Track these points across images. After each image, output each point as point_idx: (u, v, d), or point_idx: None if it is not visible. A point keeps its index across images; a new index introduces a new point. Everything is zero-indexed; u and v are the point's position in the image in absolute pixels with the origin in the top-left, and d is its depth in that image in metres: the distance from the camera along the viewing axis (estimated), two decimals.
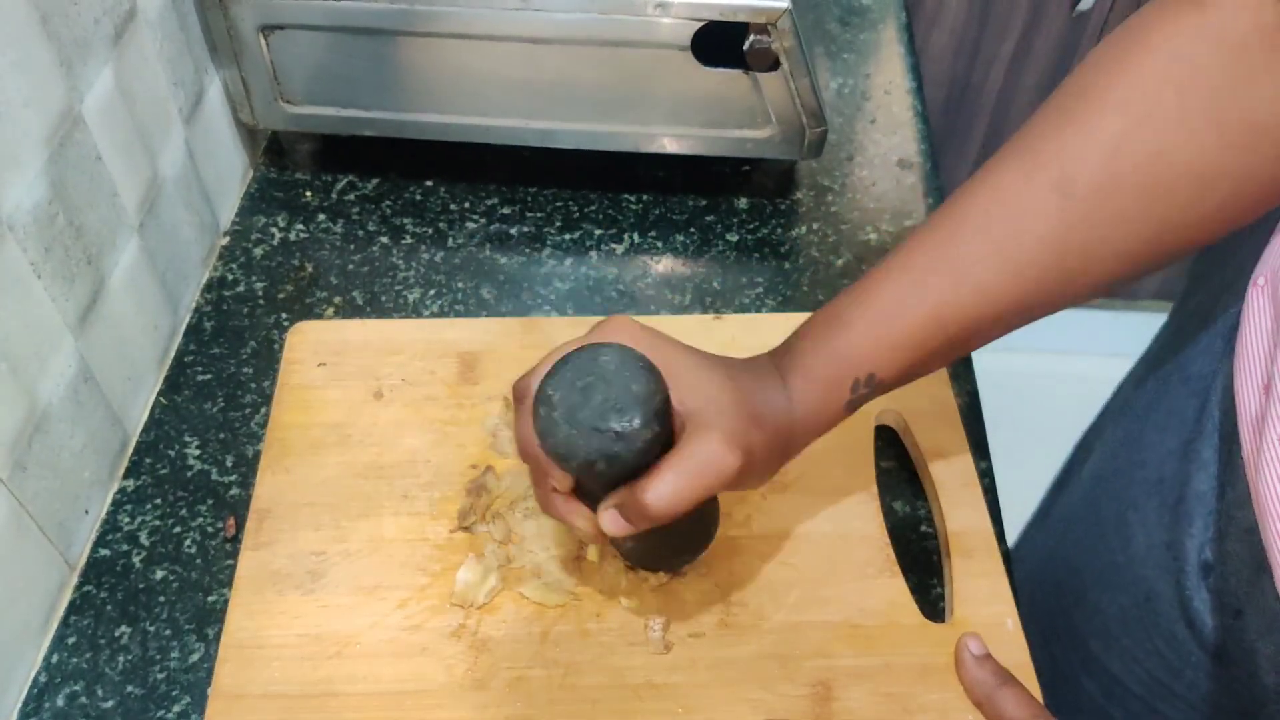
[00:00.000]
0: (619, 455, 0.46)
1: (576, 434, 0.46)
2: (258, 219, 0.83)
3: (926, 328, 0.50)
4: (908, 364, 0.52)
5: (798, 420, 0.52)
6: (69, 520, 0.61)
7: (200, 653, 0.59)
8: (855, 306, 0.52)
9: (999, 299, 0.50)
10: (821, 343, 0.52)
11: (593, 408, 0.46)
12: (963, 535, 0.62)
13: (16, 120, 0.54)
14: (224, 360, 0.73)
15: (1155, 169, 0.47)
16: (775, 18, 0.72)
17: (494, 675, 0.56)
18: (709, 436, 0.48)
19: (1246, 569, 0.55)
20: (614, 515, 0.49)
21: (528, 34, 0.74)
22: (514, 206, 0.84)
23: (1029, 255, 0.49)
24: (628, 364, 0.47)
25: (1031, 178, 0.49)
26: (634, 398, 0.46)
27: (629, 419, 0.46)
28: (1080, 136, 0.48)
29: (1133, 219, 0.48)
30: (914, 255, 0.51)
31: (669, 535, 0.53)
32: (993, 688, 0.54)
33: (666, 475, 0.47)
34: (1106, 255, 0.49)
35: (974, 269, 0.50)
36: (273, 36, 0.75)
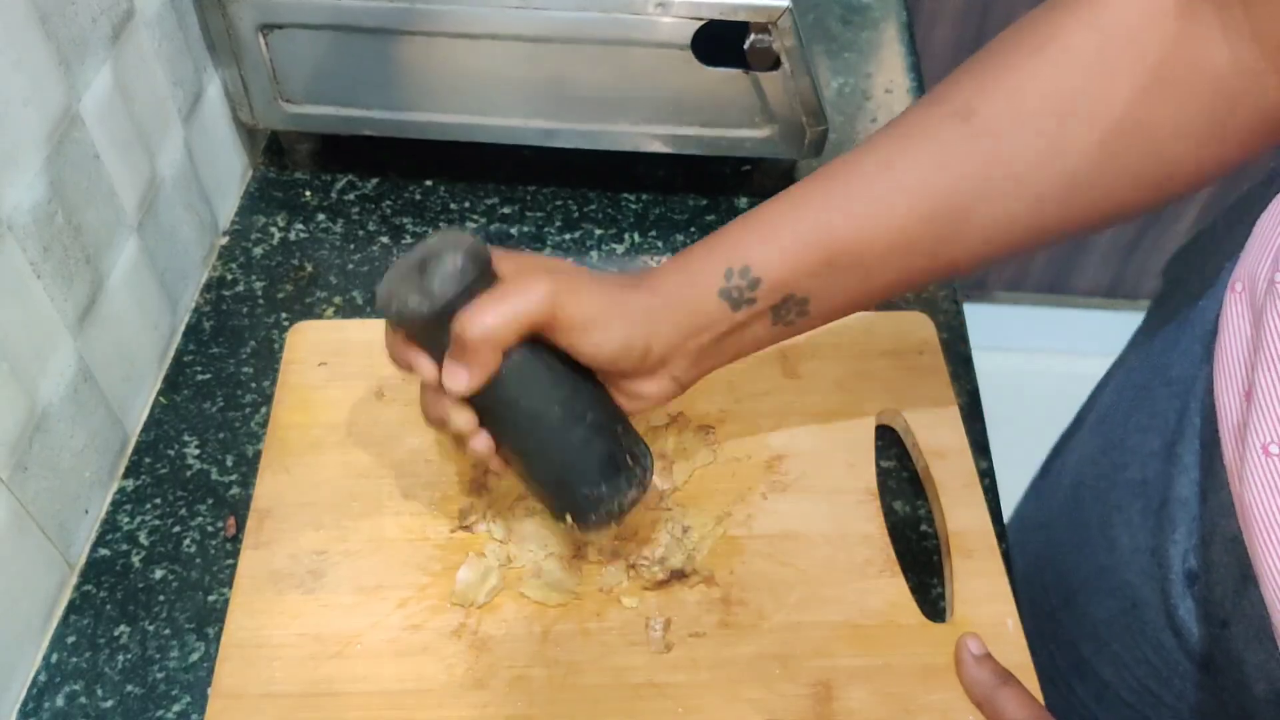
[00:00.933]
0: (428, 287, 0.49)
1: (396, 282, 0.50)
2: (257, 218, 0.82)
3: (808, 234, 0.51)
4: (789, 267, 0.51)
5: (664, 295, 0.52)
6: (69, 520, 0.61)
7: (200, 652, 0.59)
8: (744, 215, 0.53)
9: (886, 220, 0.50)
10: (702, 241, 0.54)
11: (411, 260, 0.51)
12: (963, 535, 0.62)
13: (15, 119, 0.54)
14: (223, 360, 0.73)
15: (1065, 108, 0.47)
16: (776, 16, 0.72)
17: (494, 674, 0.56)
18: (521, 272, 0.50)
19: (1232, 579, 0.55)
20: (450, 366, 0.50)
21: (528, 33, 0.74)
22: (514, 206, 0.84)
23: (920, 177, 0.49)
24: (450, 240, 0.51)
25: (934, 108, 0.50)
26: (453, 245, 0.50)
27: (450, 259, 0.49)
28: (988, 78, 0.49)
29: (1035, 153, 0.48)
30: (813, 177, 0.52)
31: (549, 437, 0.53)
32: (993, 688, 0.54)
33: (477, 300, 0.49)
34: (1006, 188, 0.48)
35: (861, 186, 0.50)
36: (272, 35, 0.75)
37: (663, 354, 0.53)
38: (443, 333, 0.50)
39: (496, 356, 0.49)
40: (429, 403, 0.53)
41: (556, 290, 0.49)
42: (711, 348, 0.54)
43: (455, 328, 0.49)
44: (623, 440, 0.55)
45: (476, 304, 0.49)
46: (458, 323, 0.48)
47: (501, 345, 0.49)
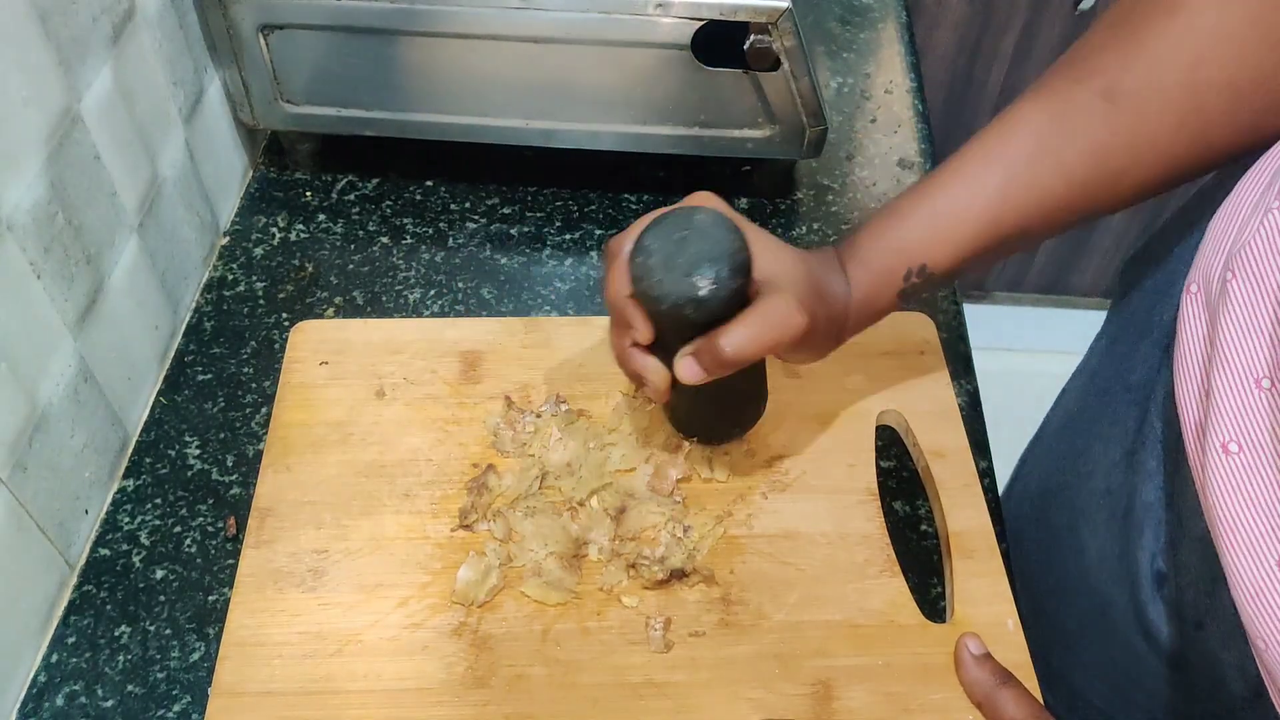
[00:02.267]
0: (705, 302, 0.51)
1: (670, 279, 0.51)
2: (258, 219, 0.83)
3: (980, 223, 0.55)
4: (960, 257, 0.56)
5: (854, 304, 0.58)
6: (69, 520, 0.61)
7: (200, 652, 0.59)
8: (912, 204, 0.57)
9: (1048, 198, 0.54)
10: (879, 236, 0.57)
11: (687, 256, 0.51)
12: (963, 535, 0.62)
13: (15, 119, 0.54)
14: (224, 360, 0.73)
15: (1194, 78, 0.50)
16: (775, 17, 0.72)
17: (494, 673, 0.56)
18: (782, 296, 0.53)
19: (1203, 580, 0.55)
20: (690, 362, 0.54)
21: (528, 34, 0.74)
22: (514, 206, 0.84)
23: (1076, 156, 0.53)
24: (720, 223, 0.52)
25: (1079, 85, 0.53)
26: (724, 251, 0.51)
27: (719, 268, 0.51)
28: (1125, 49, 0.52)
29: (1173, 124, 0.51)
30: (969, 158, 0.56)
31: (724, 401, 0.61)
32: (992, 687, 0.54)
33: (742, 323, 0.52)
34: (1149, 158, 0.52)
35: (1026, 169, 0.54)
36: (272, 36, 0.75)
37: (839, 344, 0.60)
38: (691, 329, 0.53)
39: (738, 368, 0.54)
40: (629, 356, 0.57)
41: (806, 326, 0.53)
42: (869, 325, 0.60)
43: (720, 343, 0.52)
44: (764, 394, 0.63)
45: (743, 329, 0.52)
46: (724, 342, 0.52)
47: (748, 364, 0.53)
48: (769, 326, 0.53)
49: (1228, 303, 0.48)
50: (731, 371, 0.54)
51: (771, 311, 0.53)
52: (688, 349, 0.54)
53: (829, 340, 0.58)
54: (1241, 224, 0.51)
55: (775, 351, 0.55)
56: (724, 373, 0.54)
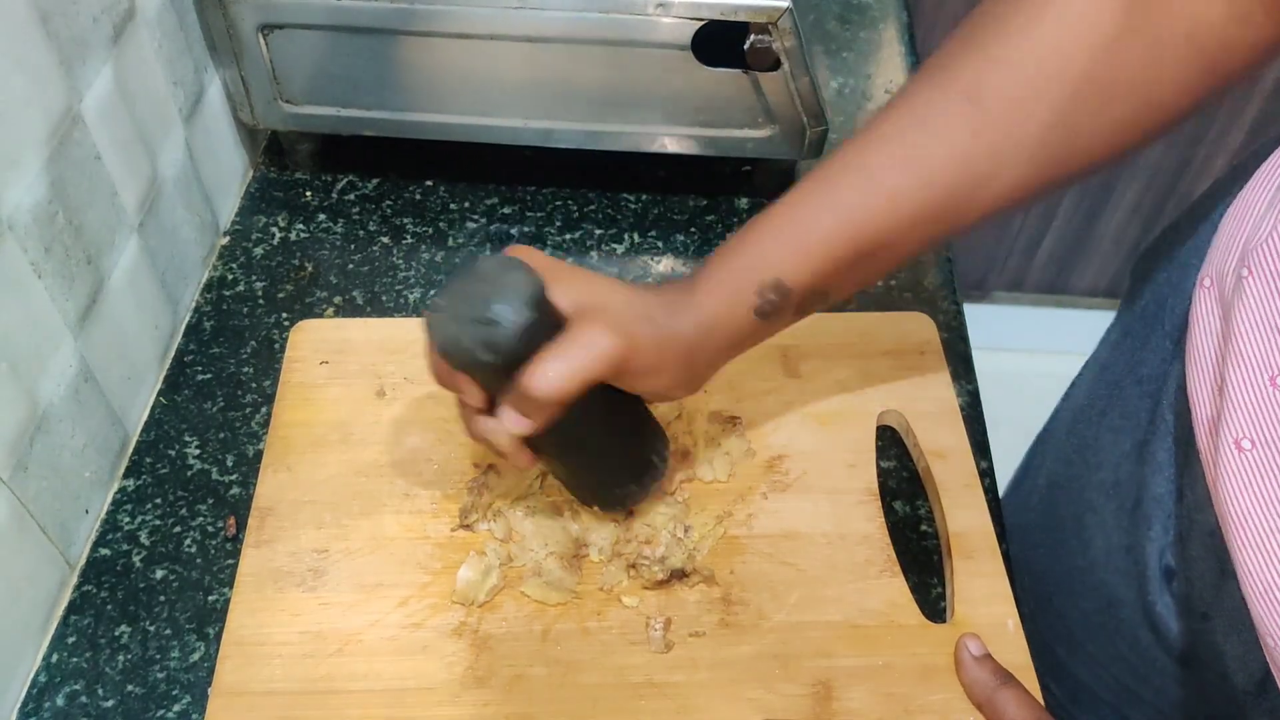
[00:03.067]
0: (497, 341, 0.48)
1: (458, 328, 0.49)
2: (258, 219, 0.82)
3: (835, 233, 0.51)
4: (818, 272, 0.52)
5: (704, 324, 0.53)
6: (69, 520, 0.61)
7: (200, 652, 0.59)
8: (765, 219, 0.53)
9: (909, 205, 0.51)
10: (730, 254, 0.54)
11: (471, 302, 0.49)
12: (964, 536, 0.62)
13: (16, 120, 0.54)
14: (224, 360, 0.73)
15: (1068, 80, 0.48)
16: (776, 17, 0.72)
17: (494, 673, 0.56)
18: (588, 321, 0.50)
19: (1211, 573, 0.55)
20: (508, 411, 0.51)
21: (528, 33, 0.74)
22: (514, 206, 0.84)
23: (938, 160, 0.50)
24: (506, 265, 0.50)
25: (941, 88, 0.50)
26: (507, 288, 0.49)
27: (504, 306, 0.48)
28: (990, 48, 0.49)
29: (1040, 124, 0.49)
30: (827, 169, 0.52)
31: (601, 454, 0.57)
32: (993, 688, 0.54)
33: (545, 357, 0.49)
34: (1015, 162, 0.50)
35: (883, 175, 0.51)
36: (272, 36, 0.75)
37: (699, 373, 0.55)
38: (502, 375, 0.50)
39: (559, 409, 0.50)
40: (473, 424, 0.54)
41: (619, 347, 0.50)
42: (739, 352, 0.56)
43: (524, 384, 0.49)
44: (651, 441, 0.59)
45: (544, 361, 0.49)
46: (528, 381, 0.49)
47: (566, 402, 0.50)
48: (573, 354, 0.49)
49: (1242, 298, 0.48)
50: (553, 411, 0.50)
51: (575, 339, 0.49)
52: (505, 399, 0.51)
53: (679, 368, 0.53)
54: (1257, 220, 0.51)
55: (596, 379, 0.50)
56: (546, 415, 0.50)
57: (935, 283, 0.78)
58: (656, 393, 0.55)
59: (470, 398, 0.52)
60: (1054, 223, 1.82)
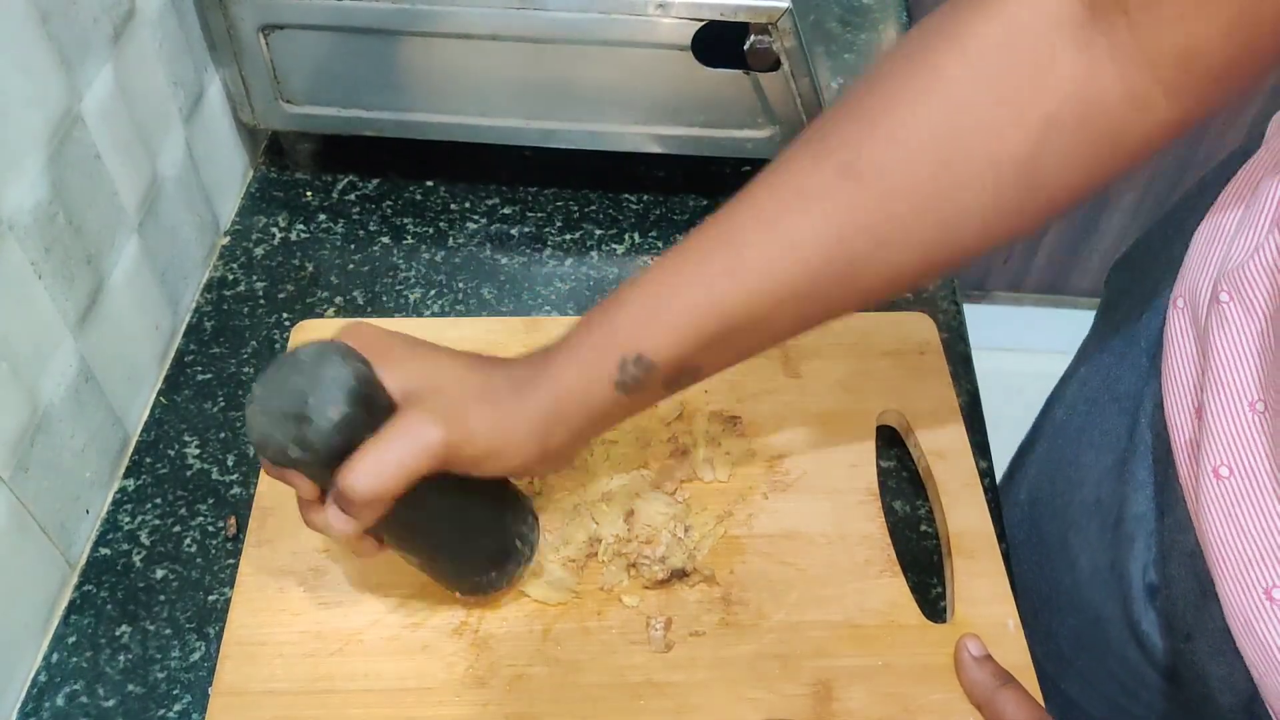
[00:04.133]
0: (307, 438, 0.45)
1: (268, 422, 0.46)
2: (258, 219, 0.83)
3: (701, 308, 0.48)
4: (684, 348, 0.49)
5: (558, 398, 0.50)
6: (69, 520, 0.61)
7: (201, 652, 0.59)
8: (631, 288, 0.50)
9: (778, 283, 0.48)
10: (591, 325, 0.51)
11: (284, 395, 0.46)
12: (964, 536, 0.62)
13: (16, 120, 0.54)
14: (224, 360, 0.73)
15: (948, 151, 0.45)
16: (776, 17, 0.72)
17: (495, 673, 0.56)
18: (408, 413, 0.47)
19: (1192, 594, 0.55)
20: (333, 510, 0.47)
21: (528, 34, 0.74)
22: (515, 206, 0.84)
23: (810, 237, 0.47)
24: (324, 354, 0.47)
25: (818, 162, 0.47)
26: (323, 381, 0.46)
27: (316, 400, 0.45)
28: (872, 123, 0.46)
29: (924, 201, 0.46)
30: (697, 239, 0.49)
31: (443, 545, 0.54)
32: (993, 689, 0.54)
33: (362, 453, 0.46)
34: (895, 242, 0.47)
35: (752, 251, 0.47)
36: (273, 36, 0.75)
37: (558, 450, 0.52)
38: (327, 468, 0.47)
39: (384, 507, 0.47)
40: (309, 517, 0.51)
41: (448, 438, 0.47)
42: (603, 428, 0.53)
43: (341, 484, 0.46)
44: (511, 527, 0.56)
45: (363, 459, 0.46)
46: (343, 480, 0.46)
47: (390, 499, 0.47)
48: (393, 449, 0.46)
49: (1221, 323, 0.48)
50: (378, 509, 0.47)
51: (395, 430, 0.46)
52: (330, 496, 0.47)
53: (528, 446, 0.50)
54: (1228, 241, 0.50)
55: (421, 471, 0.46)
56: (372, 513, 0.47)
57: (935, 283, 0.78)
58: (511, 472, 0.52)
59: (301, 490, 0.49)
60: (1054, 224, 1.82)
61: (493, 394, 0.49)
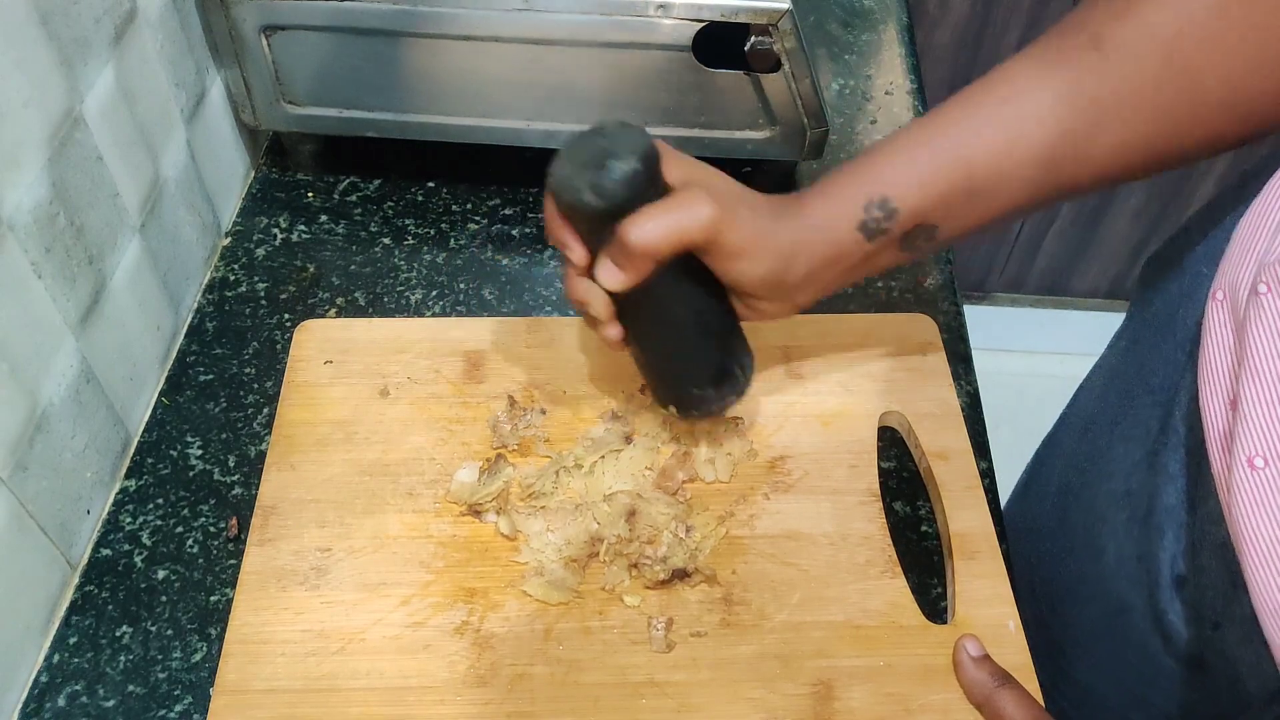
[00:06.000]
0: (604, 186, 0.51)
1: (573, 172, 0.52)
2: (259, 219, 0.83)
3: (948, 160, 0.52)
4: (926, 198, 0.53)
5: (806, 228, 0.54)
6: (70, 520, 0.61)
7: (202, 652, 0.59)
8: (883, 142, 0.55)
9: (1023, 140, 0.51)
10: (842, 170, 0.55)
11: (589, 150, 0.52)
12: (965, 537, 0.62)
13: (17, 120, 0.54)
14: (226, 360, 0.73)
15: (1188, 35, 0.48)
16: (776, 19, 0.72)
17: (496, 672, 0.56)
18: (689, 188, 0.52)
19: (1222, 583, 0.55)
20: (607, 264, 0.53)
21: (530, 35, 0.74)
22: (516, 207, 0.84)
23: (1055, 98, 0.51)
24: (625, 129, 0.53)
25: (1067, 35, 0.52)
26: (625, 143, 0.52)
27: (618, 157, 0.51)
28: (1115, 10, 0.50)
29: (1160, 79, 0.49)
30: (947, 103, 0.54)
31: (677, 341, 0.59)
32: (992, 689, 0.54)
33: (645, 210, 0.51)
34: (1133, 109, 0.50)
35: (1001, 108, 0.52)
36: (274, 37, 0.75)
37: (796, 283, 0.55)
38: (604, 228, 0.52)
39: (652, 265, 0.52)
40: (572, 284, 0.56)
41: (718, 218, 0.51)
42: (840, 276, 0.57)
43: (620, 231, 0.51)
44: (735, 349, 0.61)
45: (645, 214, 0.51)
46: (624, 228, 0.51)
47: (660, 257, 0.52)
48: (673, 212, 0.51)
49: (1259, 314, 0.48)
50: (647, 266, 0.52)
51: (676, 199, 0.52)
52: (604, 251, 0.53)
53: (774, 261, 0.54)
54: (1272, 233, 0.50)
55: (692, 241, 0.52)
56: (640, 270, 0.52)
57: (935, 284, 0.78)
58: (753, 282, 0.55)
59: (574, 254, 0.55)
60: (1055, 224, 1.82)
61: (755, 205, 0.54)
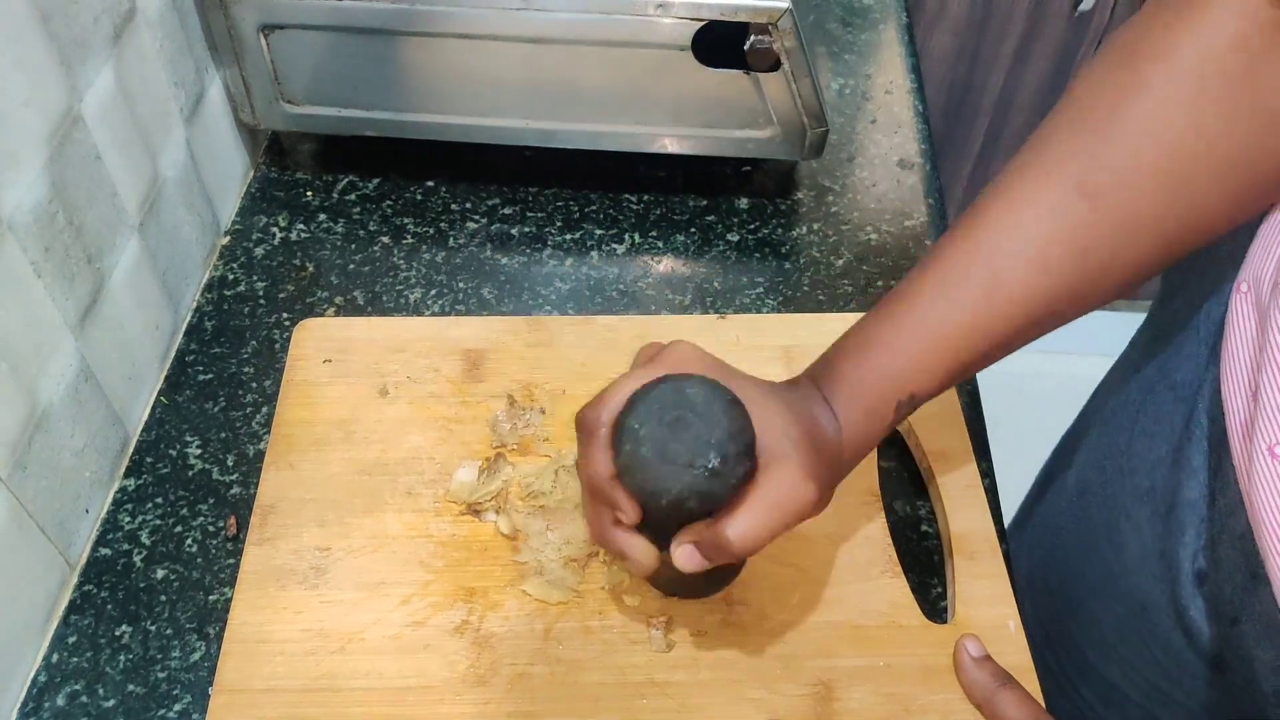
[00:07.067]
0: (713, 493, 0.45)
1: (669, 472, 0.45)
2: (259, 219, 0.83)
3: (963, 341, 0.51)
4: (946, 377, 0.52)
5: (846, 443, 0.52)
6: (69, 519, 0.61)
7: (201, 652, 0.59)
8: (893, 327, 0.52)
9: (1030, 304, 0.50)
10: (864, 367, 0.52)
11: (685, 443, 0.45)
12: (965, 537, 0.62)
13: (16, 120, 0.54)
14: (225, 360, 0.73)
15: (1174, 162, 0.47)
16: (776, 18, 0.72)
17: (496, 672, 0.56)
18: (787, 470, 0.48)
19: (1241, 576, 0.55)
20: (690, 551, 0.49)
21: (529, 34, 0.74)
22: (515, 206, 0.84)
23: (1056, 258, 0.49)
24: (717, 398, 0.46)
25: (1052, 182, 0.49)
26: (727, 433, 0.45)
27: (723, 455, 0.45)
28: (1099, 137, 0.49)
29: (1154, 212, 0.49)
30: (943, 268, 0.51)
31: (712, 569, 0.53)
32: (992, 689, 0.54)
33: (750, 511, 0.47)
34: (1130, 250, 0.49)
35: (1004, 278, 0.50)
36: (273, 36, 0.75)
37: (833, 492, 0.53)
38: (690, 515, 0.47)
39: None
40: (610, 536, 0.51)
41: (821, 500, 0.49)
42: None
43: (723, 534, 0.47)
44: None
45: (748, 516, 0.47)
46: (731, 532, 0.47)
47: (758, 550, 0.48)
48: (778, 509, 0.47)
49: None
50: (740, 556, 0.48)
51: (781, 490, 0.47)
52: (685, 536, 0.49)
53: (829, 490, 0.51)
54: None
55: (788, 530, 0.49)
56: (730, 561, 0.49)
57: None
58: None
59: (627, 516, 0.49)
60: None
61: (822, 446, 0.50)
